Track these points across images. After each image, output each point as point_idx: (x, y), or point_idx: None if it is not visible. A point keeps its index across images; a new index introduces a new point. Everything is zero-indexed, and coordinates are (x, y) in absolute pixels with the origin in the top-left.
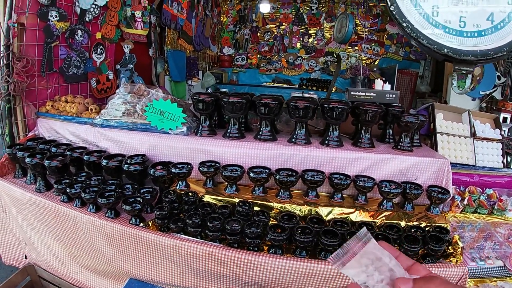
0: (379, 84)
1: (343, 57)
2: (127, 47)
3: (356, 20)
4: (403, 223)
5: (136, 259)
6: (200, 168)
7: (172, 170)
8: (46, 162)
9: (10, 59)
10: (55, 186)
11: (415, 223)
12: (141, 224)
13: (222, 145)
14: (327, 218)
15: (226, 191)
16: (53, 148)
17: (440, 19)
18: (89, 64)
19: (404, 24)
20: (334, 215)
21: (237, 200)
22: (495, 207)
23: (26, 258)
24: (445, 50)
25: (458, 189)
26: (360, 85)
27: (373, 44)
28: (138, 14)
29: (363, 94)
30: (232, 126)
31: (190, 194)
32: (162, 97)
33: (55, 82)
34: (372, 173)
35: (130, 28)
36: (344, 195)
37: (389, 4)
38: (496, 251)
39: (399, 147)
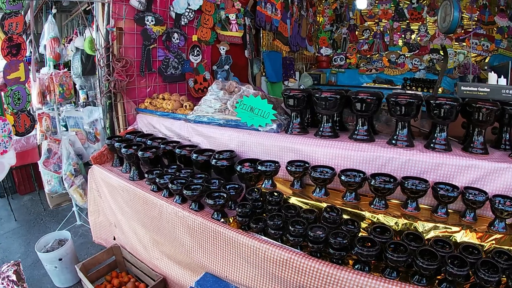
0: (493, 78)
1: (450, 54)
2: (223, 49)
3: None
4: None
5: (214, 254)
6: (288, 168)
7: (259, 168)
8: (139, 153)
9: (110, 60)
10: (146, 176)
11: None
12: (222, 220)
13: (313, 144)
14: (426, 235)
15: (314, 194)
16: (148, 141)
17: None
18: (186, 65)
19: None
20: (435, 233)
21: (324, 204)
22: None
23: (114, 239)
24: None
25: None
26: None
27: (482, 39)
28: (232, 16)
29: (476, 89)
30: (325, 124)
31: (275, 194)
32: (253, 94)
33: (154, 81)
34: (484, 185)
35: (225, 31)
36: (449, 210)
37: None
38: None
39: None
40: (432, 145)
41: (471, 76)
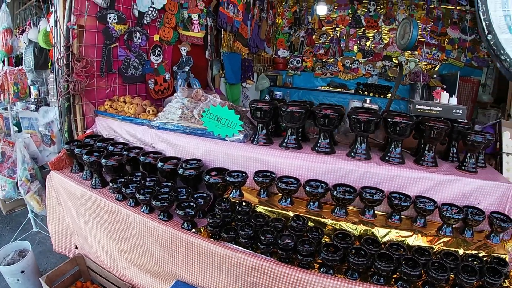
0: (444, 97)
1: (401, 62)
2: (184, 49)
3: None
4: (461, 251)
5: (185, 263)
6: (255, 178)
7: (227, 178)
8: (103, 161)
9: (70, 59)
10: (110, 184)
11: (474, 251)
12: (193, 230)
13: (279, 155)
14: (383, 240)
15: (280, 203)
16: (110, 147)
17: None
18: (147, 66)
19: (503, 57)
20: (390, 238)
21: (291, 213)
22: None
23: (76, 248)
24: None
25: None
26: (419, 92)
27: (433, 48)
28: (195, 16)
29: (429, 108)
30: (290, 136)
31: (244, 204)
32: (220, 103)
33: (114, 83)
34: (434, 195)
35: (187, 31)
36: (402, 216)
37: (487, 32)
38: None
39: (463, 167)
40: (387, 158)
41: (421, 84)
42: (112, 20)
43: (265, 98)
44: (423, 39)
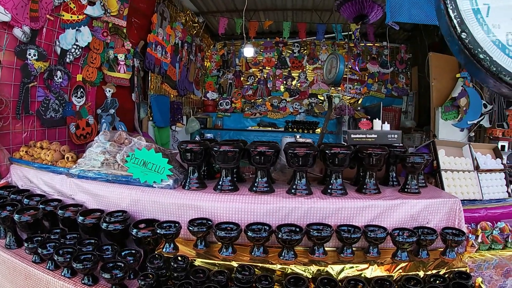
0: (377, 124)
1: (330, 95)
2: (109, 91)
3: None
4: (421, 273)
5: None
6: (190, 228)
7: (158, 231)
8: (16, 217)
9: None
10: (25, 244)
11: (434, 271)
12: None
13: (214, 199)
14: (339, 277)
15: (221, 253)
16: (25, 200)
17: None
18: (68, 108)
19: (481, 56)
20: (346, 273)
21: (234, 263)
22: (509, 239)
23: None
24: None
25: (469, 227)
26: (346, 125)
27: (355, 83)
28: (121, 57)
29: (364, 136)
30: (224, 178)
31: (180, 258)
32: (145, 146)
33: (31, 126)
34: (382, 221)
35: (113, 71)
36: (354, 249)
37: (460, 30)
38: None
39: (406, 190)
40: (329, 191)
41: (347, 117)
42: (32, 57)
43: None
44: (346, 76)
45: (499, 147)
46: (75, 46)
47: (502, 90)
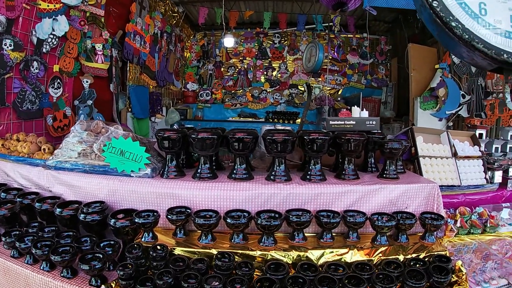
0: (356, 111)
1: (309, 84)
2: (87, 82)
3: None
4: (401, 257)
5: None
6: (169, 216)
7: (136, 220)
8: None
9: None
10: (3, 239)
11: (414, 255)
12: (103, 286)
13: (193, 187)
14: (319, 262)
15: (201, 241)
16: (2, 194)
17: (490, 18)
18: (45, 99)
19: (453, 24)
20: (326, 258)
21: (214, 251)
22: (487, 224)
23: None
24: (505, 56)
25: (448, 212)
26: (326, 115)
27: (336, 74)
28: (99, 47)
29: (342, 122)
30: (203, 166)
31: (159, 247)
32: (122, 135)
33: (7, 119)
34: (361, 207)
35: (90, 62)
36: (333, 234)
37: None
38: (497, 270)
39: (385, 175)
40: (308, 177)
41: (327, 107)
42: (7, 47)
43: None
44: (325, 66)
45: (477, 134)
46: (51, 36)
47: (475, 59)
